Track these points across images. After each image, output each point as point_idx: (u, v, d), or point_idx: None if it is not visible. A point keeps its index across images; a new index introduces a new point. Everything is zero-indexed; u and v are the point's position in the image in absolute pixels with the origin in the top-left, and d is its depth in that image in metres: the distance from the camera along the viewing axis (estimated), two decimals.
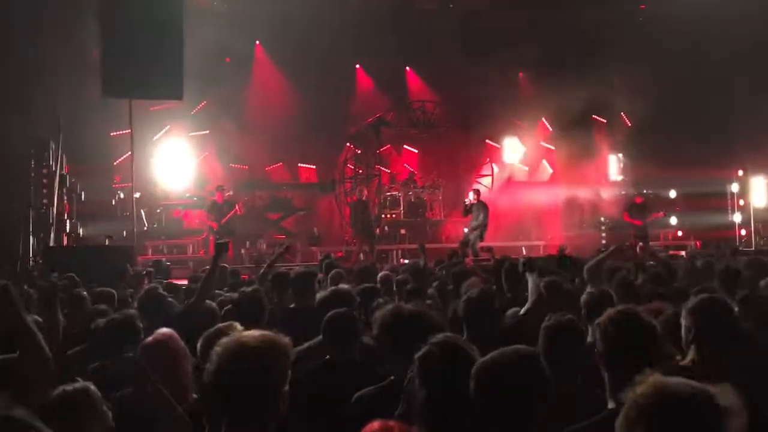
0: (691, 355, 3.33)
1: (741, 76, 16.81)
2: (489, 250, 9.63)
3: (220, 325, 3.64)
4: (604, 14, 17.86)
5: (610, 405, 2.66)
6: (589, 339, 3.45)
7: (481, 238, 14.21)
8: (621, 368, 2.61)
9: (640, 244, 14.89)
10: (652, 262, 8.31)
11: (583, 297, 4.40)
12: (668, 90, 17.21)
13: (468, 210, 14.50)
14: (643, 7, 18.91)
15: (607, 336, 2.76)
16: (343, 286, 4.81)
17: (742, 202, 18.04)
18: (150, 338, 3.50)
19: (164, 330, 3.52)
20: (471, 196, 14.69)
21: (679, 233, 18.58)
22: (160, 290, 5.50)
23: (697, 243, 16.73)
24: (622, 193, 19.65)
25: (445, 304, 5.65)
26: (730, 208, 17.83)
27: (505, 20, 17.90)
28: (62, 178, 13.99)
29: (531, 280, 4.98)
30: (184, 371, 3.38)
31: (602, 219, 18.28)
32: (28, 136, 13.62)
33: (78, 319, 5.28)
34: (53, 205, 13.64)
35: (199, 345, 3.46)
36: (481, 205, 14.46)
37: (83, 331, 4.81)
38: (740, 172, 18.07)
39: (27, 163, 13.57)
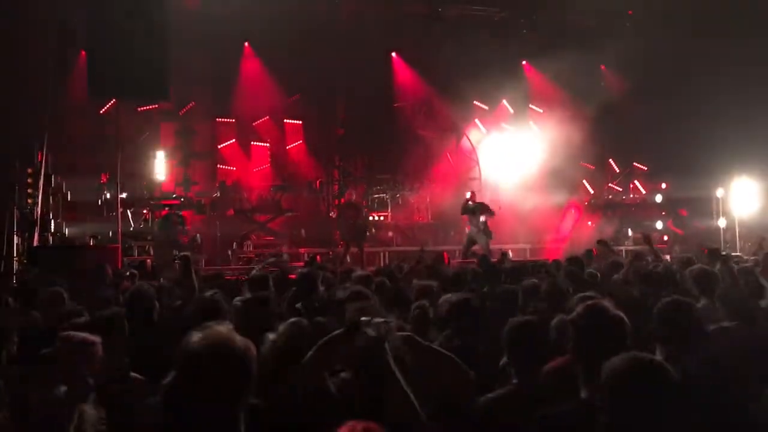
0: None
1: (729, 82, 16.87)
2: (473, 253, 9.60)
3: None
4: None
5: (583, 394, 2.73)
6: None
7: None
8: (592, 359, 2.63)
9: None
10: None
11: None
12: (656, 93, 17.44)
13: (467, 209, 14.29)
14: (630, 12, 19.08)
15: (579, 329, 2.89)
16: None
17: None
18: None
19: None
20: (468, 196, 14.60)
21: (665, 237, 18.62)
22: (147, 288, 5.38)
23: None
24: (610, 197, 19.81)
25: None
26: (714, 213, 17.89)
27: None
28: (47, 177, 13.88)
29: None
30: None
31: (588, 223, 18.36)
32: (13, 136, 13.49)
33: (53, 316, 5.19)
34: (38, 205, 13.52)
35: None
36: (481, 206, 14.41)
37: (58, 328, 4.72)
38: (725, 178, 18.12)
39: (12, 162, 13.44)
